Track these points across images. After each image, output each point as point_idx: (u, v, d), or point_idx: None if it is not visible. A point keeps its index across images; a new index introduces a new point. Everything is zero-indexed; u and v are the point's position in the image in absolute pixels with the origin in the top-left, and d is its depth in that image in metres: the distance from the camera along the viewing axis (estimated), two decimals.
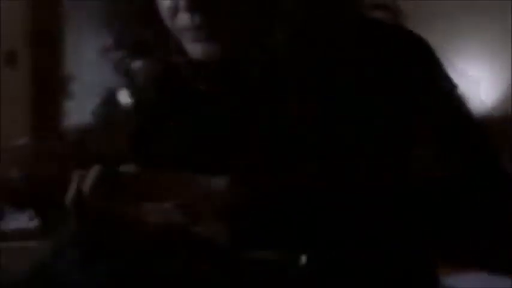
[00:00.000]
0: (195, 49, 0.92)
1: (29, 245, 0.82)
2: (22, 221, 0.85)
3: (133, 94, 1.02)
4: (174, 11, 0.92)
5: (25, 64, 3.31)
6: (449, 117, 0.91)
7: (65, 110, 3.56)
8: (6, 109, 3.13)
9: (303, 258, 0.84)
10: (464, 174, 0.89)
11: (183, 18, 0.91)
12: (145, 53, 0.99)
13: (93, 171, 0.83)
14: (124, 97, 1.02)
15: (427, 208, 0.88)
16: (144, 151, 0.99)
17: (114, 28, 1.00)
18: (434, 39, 0.96)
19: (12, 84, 3.23)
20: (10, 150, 0.94)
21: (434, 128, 0.90)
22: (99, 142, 1.02)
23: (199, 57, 0.92)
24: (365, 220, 0.86)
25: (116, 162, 0.86)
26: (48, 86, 3.43)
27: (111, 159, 0.90)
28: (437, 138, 0.90)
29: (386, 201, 0.87)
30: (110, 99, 1.03)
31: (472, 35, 3.60)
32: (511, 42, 3.50)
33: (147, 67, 0.99)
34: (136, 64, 1.00)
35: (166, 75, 0.99)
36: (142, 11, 0.97)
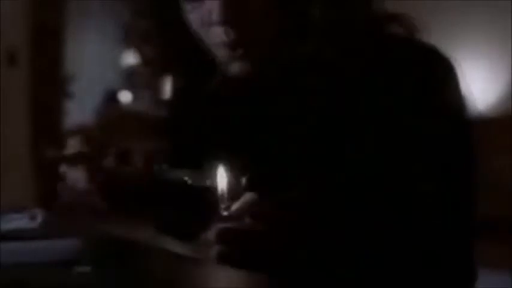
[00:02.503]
0: (230, 66, 0.92)
1: (29, 245, 0.82)
2: (22, 221, 0.85)
3: (158, 108, 1.02)
4: (208, 24, 0.92)
5: (25, 64, 3.31)
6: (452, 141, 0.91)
7: (65, 110, 3.57)
8: (6, 109, 3.14)
9: None
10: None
11: (217, 33, 0.91)
12: (174, 68, 1.00)
13: None
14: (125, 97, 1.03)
15: (427, 209, 0.88)
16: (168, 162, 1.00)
17: (140, 43, 1.00)
18: (433, 39, 0.96)
19: (12, 84, 3.23)
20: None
21: (437, 146, 0.90)
22: None
23: (234, 74, 0.93)
24: (367, 224, 0.86)
25: None
26: (48, 86, 3.43)
27: None
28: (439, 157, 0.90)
29: (388, 206, 0.87)
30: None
31: (472, 35, 3.61)
32: (511, 42, 3.51)
33: (175, 82, 0.99)
34: (166, 80, 1.00)
35: (194, 89, 0.99)
36: (172, 27, 0.97)
